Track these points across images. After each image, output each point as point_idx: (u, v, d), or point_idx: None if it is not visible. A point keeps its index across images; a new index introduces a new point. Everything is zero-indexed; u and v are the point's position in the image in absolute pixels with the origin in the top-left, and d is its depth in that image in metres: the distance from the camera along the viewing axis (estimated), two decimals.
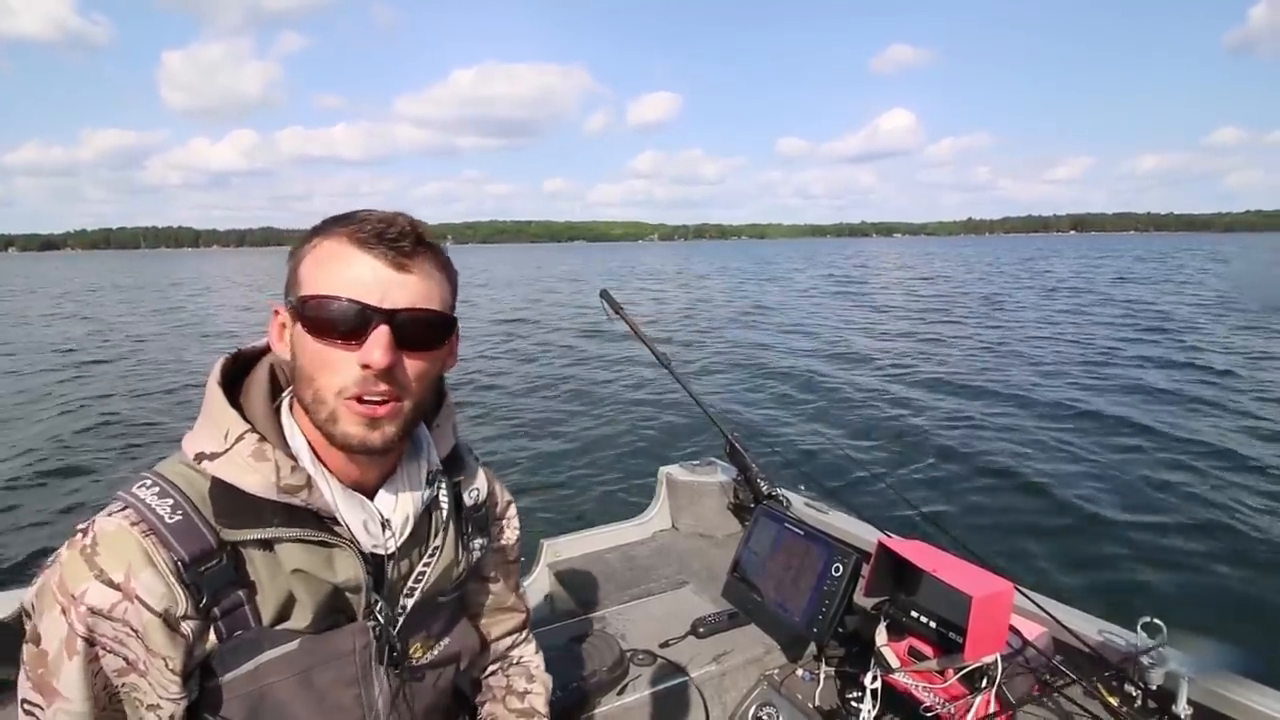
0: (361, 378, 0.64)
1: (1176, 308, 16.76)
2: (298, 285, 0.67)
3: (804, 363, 10.69)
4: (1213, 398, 7.67)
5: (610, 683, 1.43)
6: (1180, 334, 12.53)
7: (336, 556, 0.69)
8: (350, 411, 0.65)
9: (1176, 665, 1.24)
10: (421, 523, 0.78)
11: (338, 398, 0.65)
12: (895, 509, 3.77)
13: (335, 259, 0.65)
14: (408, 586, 0.77)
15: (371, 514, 0.72)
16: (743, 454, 2.23)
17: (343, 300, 0.63)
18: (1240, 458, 5.67)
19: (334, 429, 0.66)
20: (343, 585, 0.70)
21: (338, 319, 0.63)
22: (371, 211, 0.67)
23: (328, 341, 0.64)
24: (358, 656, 0.73)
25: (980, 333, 13.55)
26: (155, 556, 0.63)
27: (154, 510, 0.64)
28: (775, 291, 25.46)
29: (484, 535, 0.89)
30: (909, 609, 1.34)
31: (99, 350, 13.03)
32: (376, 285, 0.64)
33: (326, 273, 0.65)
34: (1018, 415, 7.19)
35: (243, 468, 0.65)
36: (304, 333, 0.65)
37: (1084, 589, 3.70)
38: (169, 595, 0.63)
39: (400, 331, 0.65)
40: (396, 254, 0.65)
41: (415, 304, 0.66)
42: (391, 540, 0.73)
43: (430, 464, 0.79)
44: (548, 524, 4.49)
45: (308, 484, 0.68)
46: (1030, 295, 21.46)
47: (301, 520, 0.68)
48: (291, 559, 0.68)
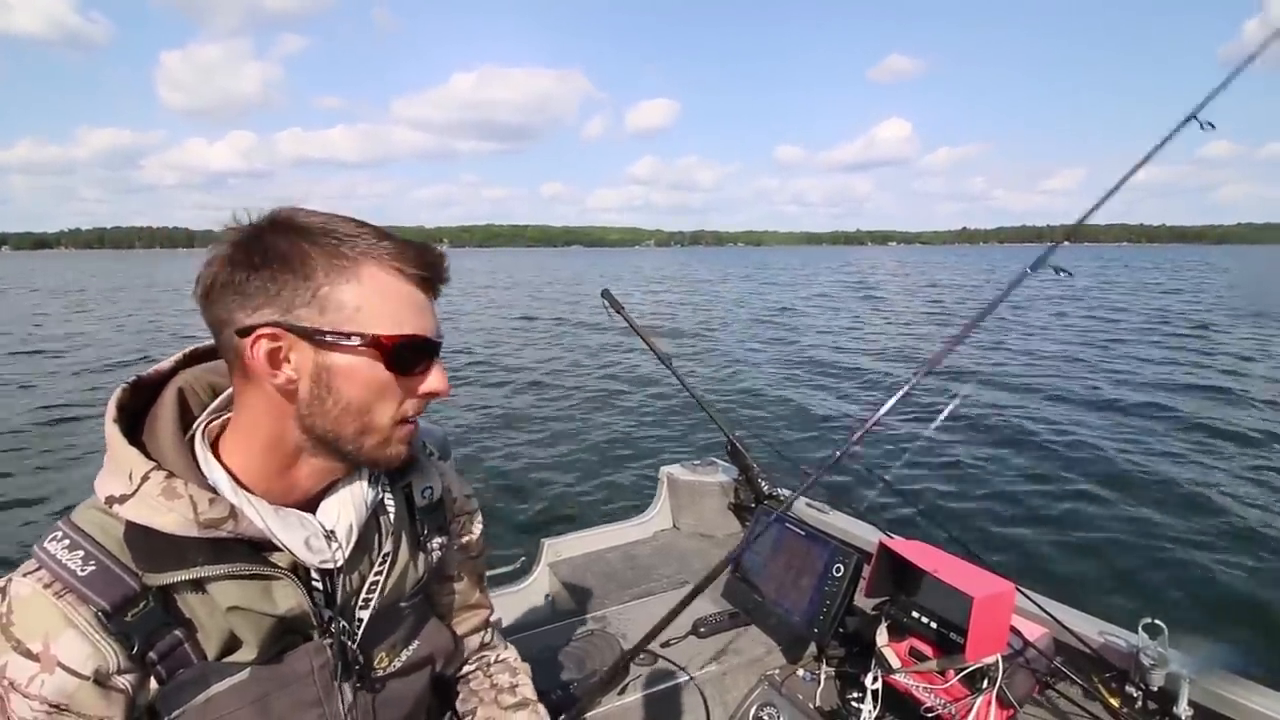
0: (419, 405, 0.68)
1: (1180, 312, 16.74)
2: (336, 309, 0.61)
3: (804, 363, 10.69)
4: (1214, 398, 7.66)
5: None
6: (1181, 337, 12.51)
7: (274, 587, 0.66)
8: (403, 433, 0.68)
9: (1177, 666, 1.24)
10: (370, 529, 0.75)
11: (393, 424, 0.67)
12: (896, 509, 3.76)
13: (401, 294, 0.64)
14: (362, 597, 0.74)
15: (313, 529, 0.68)
16: (744, 454, 2.23)
17: (424, 339, 0.66)
18: (1242, 459, 5.67)
19: (385, 452, 0.68)
20: (286, 615, 0.67)
21: (418, 357, 0.66)
22: (399, 240, 0.65)
23: (404, 378, 0.66)
24: (316, 676, 0.70)
25: (981, 333, 13.53)
26: (74, 616, 0.59)
27: (65, 566, 0.60)
28: (777, 294, 25.46)
29: (443, 534, 0.86)
30: (910, 609, 1.34)
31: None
32: (433, 319, 0.68)
33: (398, 309, 0.64)
34: (1018, 416, 7.18)
35: (154, 508, 0.60)
36: (374, 366, 0.63)
37: (1085, 590, 3.69)
38: (96, 654, 0.59)
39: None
40: (436, 287, 0.68)
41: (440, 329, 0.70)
42: (339, 552, 0.70)
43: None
44: (549, 523, 4.50)
45: (232, 514, 0.62)
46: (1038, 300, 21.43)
47: (231, 554, 0.64)
48: (226, 597, 0.64)
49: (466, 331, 15.10)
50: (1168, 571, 3.93)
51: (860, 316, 17.19)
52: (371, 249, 0.63)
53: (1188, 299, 19.55)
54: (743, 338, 13.71)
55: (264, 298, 0.60)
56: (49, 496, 5.35)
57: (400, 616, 0.80)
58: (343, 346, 0.62)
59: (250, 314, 0.60)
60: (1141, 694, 1.28)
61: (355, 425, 0.65)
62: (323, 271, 0.61)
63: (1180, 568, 3.96)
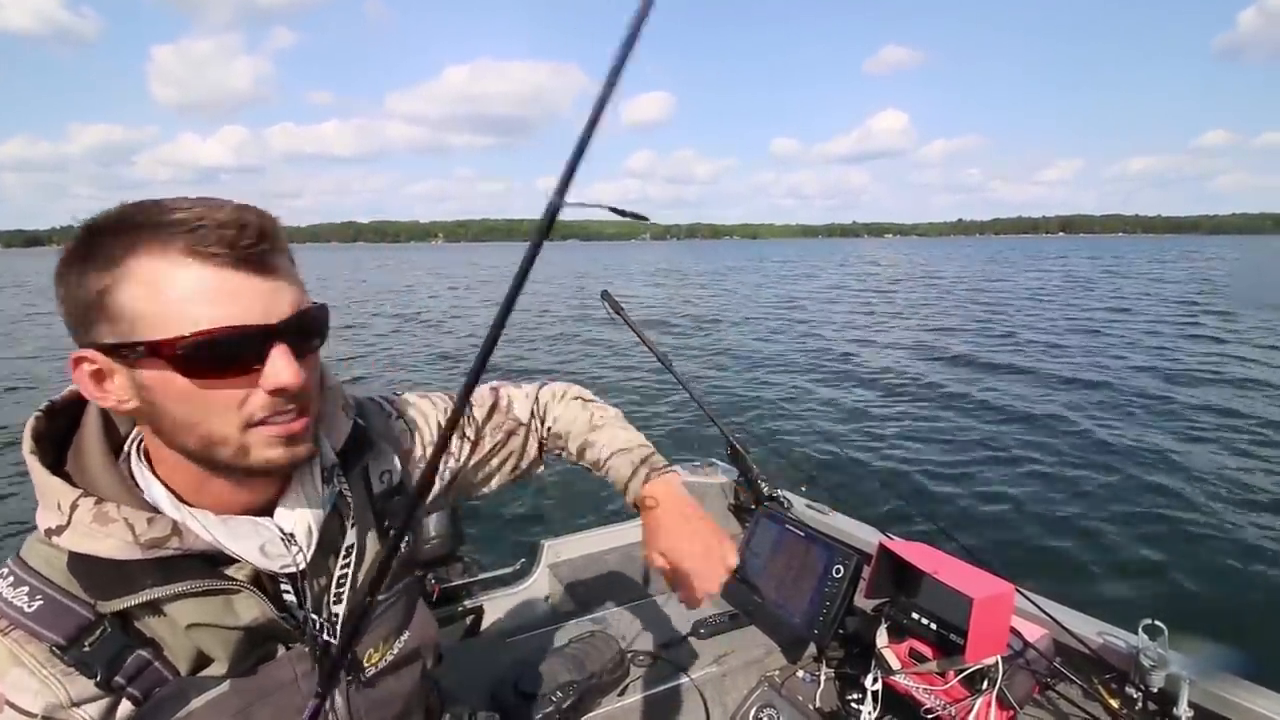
0: (269, 402, 0.58)
1: (1181, 308, 16.75)
2: (120, 319, 0.54)
3: (805, 364, 10.68)
4: (1214, 398, 7.66)
5: (610, 684, 1.43)
6: (1180, 335, 12.52)
7: (235, 600, 0.63)
8: (264, 437, 0.59)
9: (1178, 667, 1.24)
10: (331, 525, 0.72)
11: (241, 430, 0.58)
12: (896, 510, 3.78)
13: (186, 283, 0.53)
14: (332, 595, 0.71)
15: (269, 534, 0.65)
16: (743, 455, 2.23)
17: (230, 330, 0.54)
18: (1243, 459, 5.66)
19: (249, 460, 0.60)
20: (251, 625, 0.64)
21: (230, 354, 0.55)
22: (194, 207, 0.55)
23: (217, 381, 0.56)
24: (301, 684, 0.67)
25: (980, 334, 13.53)
26: (20, 653, 0.57)
27: (10, 604, 0.58)
28: (777, 290, 25.47)
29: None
30: (910, 610, 1.34)
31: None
32: (256, 300, 0.56)
33: (182, 302, 0.53)
34: (1019, 417, 7.17)
35: (90, 536, 0.57)
36: (174, 377, 0.55)
37: (1085, 590, 3.70)
38: (45, 690, 0.57)
39: (293, 341, 0.58)
40: (260, 258, 0.56)
41: (295, 307, 0.59)
42: (300, 555, 0.66)
43: (324, 460, 0.71)
44: (548, 524, 4.50)
45: (175, 531, 0.60)
46: (1038, 297, 21.43)
47: (182, 572, 0.61)
48: (184, 615, 0.61)
49: (469, 332, 15.10)
50: (1168, 572, 3.92)
51: (860, 314, 17.19)
52: (143, 234, 0.54)
53: (1190, 290, 19.58)
54: (742, 337, 13.70)
55: (76, 318, 0.56)
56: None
57: (385, 610, 0.77)
58: (137, 361, 0.55)
59: (75, 337, 0.57)
60: (1141, 695, 1.28)
61: (197, 440, 0.58)
62: (105, 278, 0.54)
63: (1181, 569, 3.95)
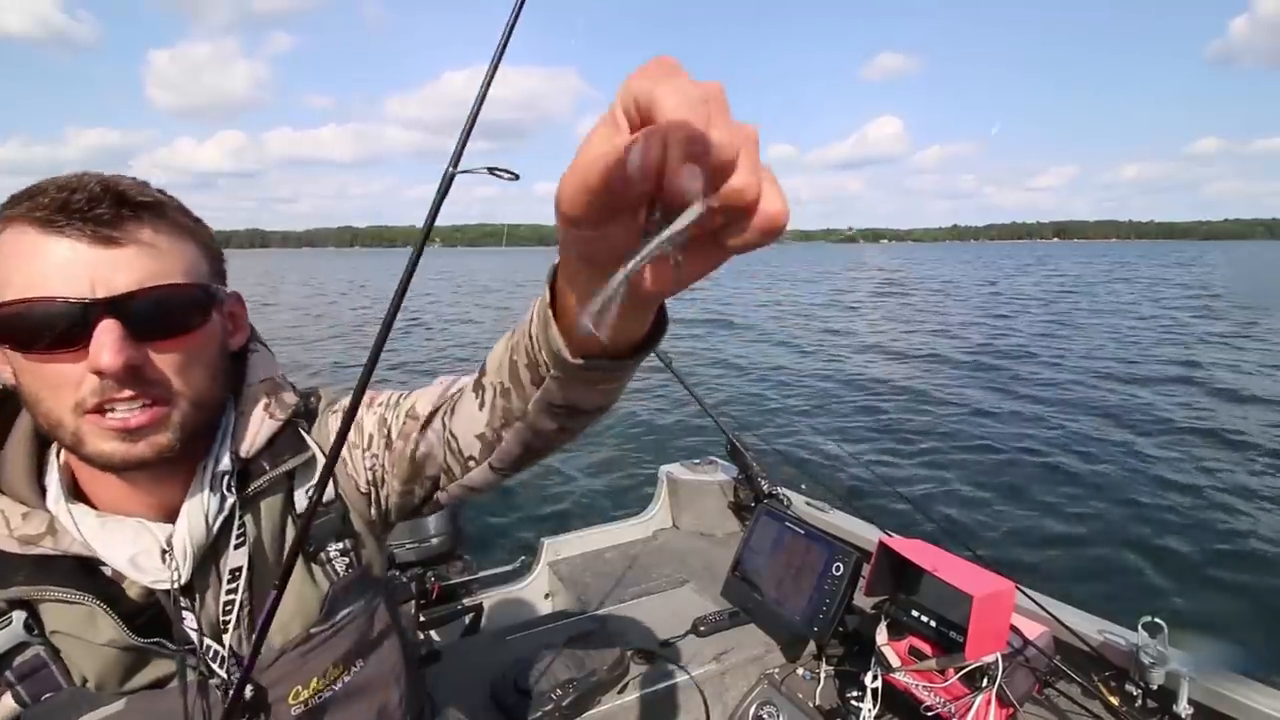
0: (99, 386, 0.53)
1: (1179, 311, 16.75)
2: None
3: (805, 363, 10.69)
4: (1214, 399, 7.67)
5: (611, 681, 1.43)
6: (1180, 336, 12.52)
7: (96, 614, 0.57)
8: (96, 428, 0.54)
9: (1177, 665, 1.24)
10: (220, 541, 0.64)
11: (75, 415, 0.54)
12: (896, 508, 3.77)
13: (20, 250, 0.52)
14: (221, 620, 0.63)
15: (146, 544, 0.59)
16: (743, 453, 2.23)
17: (44, 300, 0.51)
18: (1243, 458, 5.67)
19: (85, 451, 0.55)
20: (111, 644, 0.58)
21: (44, 324, 0.51)
22: (53, 180, 0.53)
23: (42, 355, 0.52)
24: (205, 717, 0.61)
25: (980, 334, 13.54)
26: None
27: None
28: (775, 292, 25.48)
29: (341, 539, 0.71)
30: (910, 608, 1.34)
31: None
32: (83, 271, 0.51)
33: (14, 269, 0.51)
34: (1019, 416, 7.18)
35: None
36: (12, 351, 0.53)
37: (1085, 588, 3.69)
38: None
39: (132, 321, 0.53)
40: (95, 225, 0.52)
41: (143, 283, 0.53)
42: (177, 571, 0.59)
43: (219, 465, 0.64)
44: (548, 523, 4.50)
45: (50, 529, 0.57)
46: (1039, 297, 21.44)
47: (52, 574, 0.57)
48: (51, 620, 0.58)
49: (472, 329, 15.10)
50: (1168, 570, 3.93)
51: (860, 315, 17.20)
52: (11, 205, 0.53)
53: (1190, 294, 19.59)
54: (742, 336, 13.71)
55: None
56: None
57: (313, 645, 0.67)
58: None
59: None
60: (1141, 692, 1.28)
61: (42, 419, 0.56)
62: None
63: (1180, 566, 3.96)
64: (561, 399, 0.53)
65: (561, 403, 0.53)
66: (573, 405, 0.54)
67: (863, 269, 44.04)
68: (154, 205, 0.56)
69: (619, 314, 0.30)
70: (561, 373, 0.49)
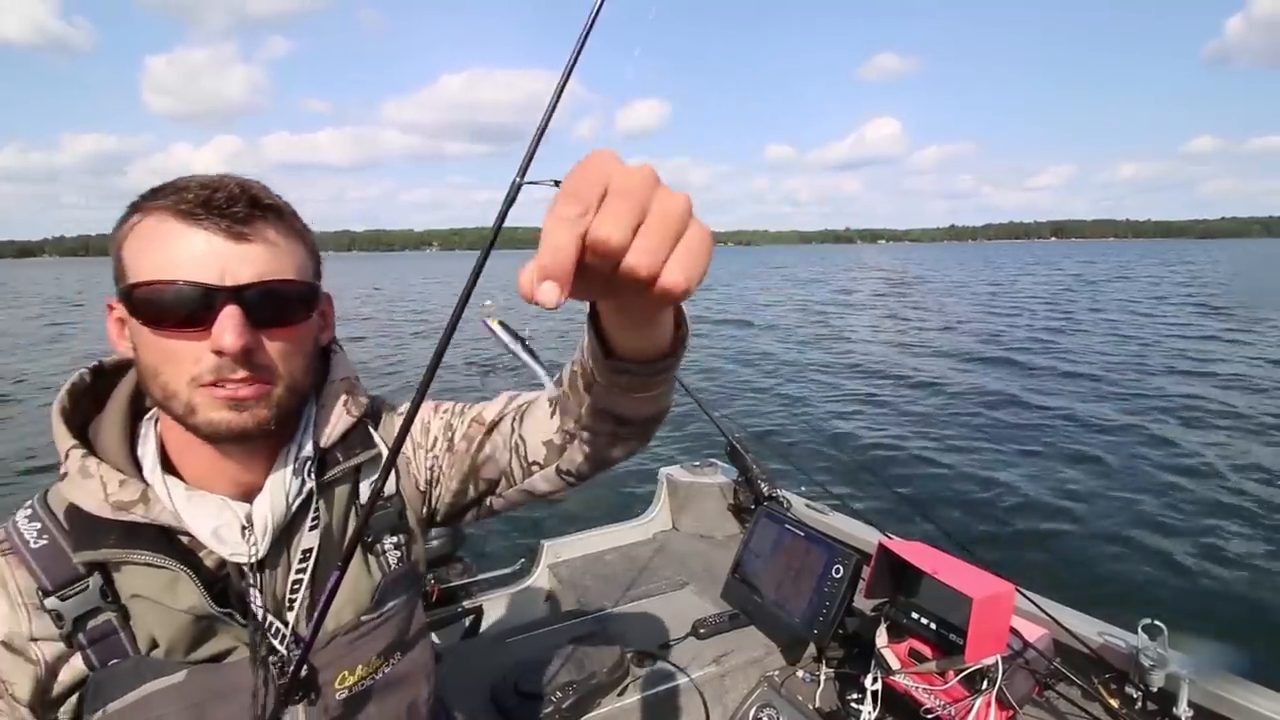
0: (216, 365, 0.58)
1: (1176, 311, 16.76)
2: (123, 271, 0.59)
3: (805, 364, 10.69)
4: (1214, 398, 7.66)
5: (610, 684, 1.43)
6: (1181, 336, 12.52)
7: (178, 580, 0.61)
8: (210, 397, 0.59)
9: (1177, 667, 1.24)
10: (296, 522, 0.68)
11: (191, 387, 0.59)
12: (896, 510, 3.77)
13: (160, 237, 0.58)
14: (287, 599, 0.67)
15: (228, 518, 0.63)
16: (743, 455, 2.23)
17: (178, 283, 0.56)
18: (1244, 460, 5.66)
19: (196, 420, 0.59)
20: (189, 611, 0.62)
21: (175, 305, 0.57)
22: (193, 177, 0.60)
23: (170, 332, 0.58)
24: (258, 693, 0.64)
25: (981, 335, 13.53)
26: (6, 576, 0.61)
27: (21, 534, 0.62)
28: (774, 292, 25.48)
29: (396, 533, 0.76)
30: (909, 610, 1.34)
31: None
32: (215, 261, 0.57)
33: (152, 254, 0.57)
34: (1019, 417, 7.18)
35: (74, 485, 0.61)
36: (140, 326, 0.58)
37: (1085, 590, 3.69)
38: (11, 617, 0.60)
39: (252, 309, 0.59)
40: (230, 222, 0.58)
41: (264, 276, 0.59)
42: (254, 546, 0.64)
43: (301, 451, 0.69)
44: (548, 524, 4.49)
45: (143, 497, 0.61)
46: (1038, 298, 21.44)
47: (139, 540, 0.61)
48: (131, 584, 0.61)
49: (473, 329, 15.07)
50: (1168, 572, 3.93)
51: (860, 316, 17.19)
52: (154, 196, 0.59)
53: (1191, 292, 19.58)
54: (741, 337, 13.71)
55: (113, 272, 0.62)
56: None
57: (362, 633, 0.71)
58: (127, 306, 0.59)
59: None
60: (1141, 695, 1.28)
61: (158, 390, 0.60)
62: (120, 234, 0.60)
63: (1180, 569, 3.96)
64: (606, 405, 0.61)
65: (606, 408, 0.61)
66: (617, 413, 0.62)
67: (862, 269, 44.06)
68: (277, 208, 0.62)
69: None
70: (600, 376, 0.57)
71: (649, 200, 0.34)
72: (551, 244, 0.32)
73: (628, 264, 0.33)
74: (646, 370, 0.55)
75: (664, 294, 0.35)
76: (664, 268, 0.34)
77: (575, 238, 0.32)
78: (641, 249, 0.33)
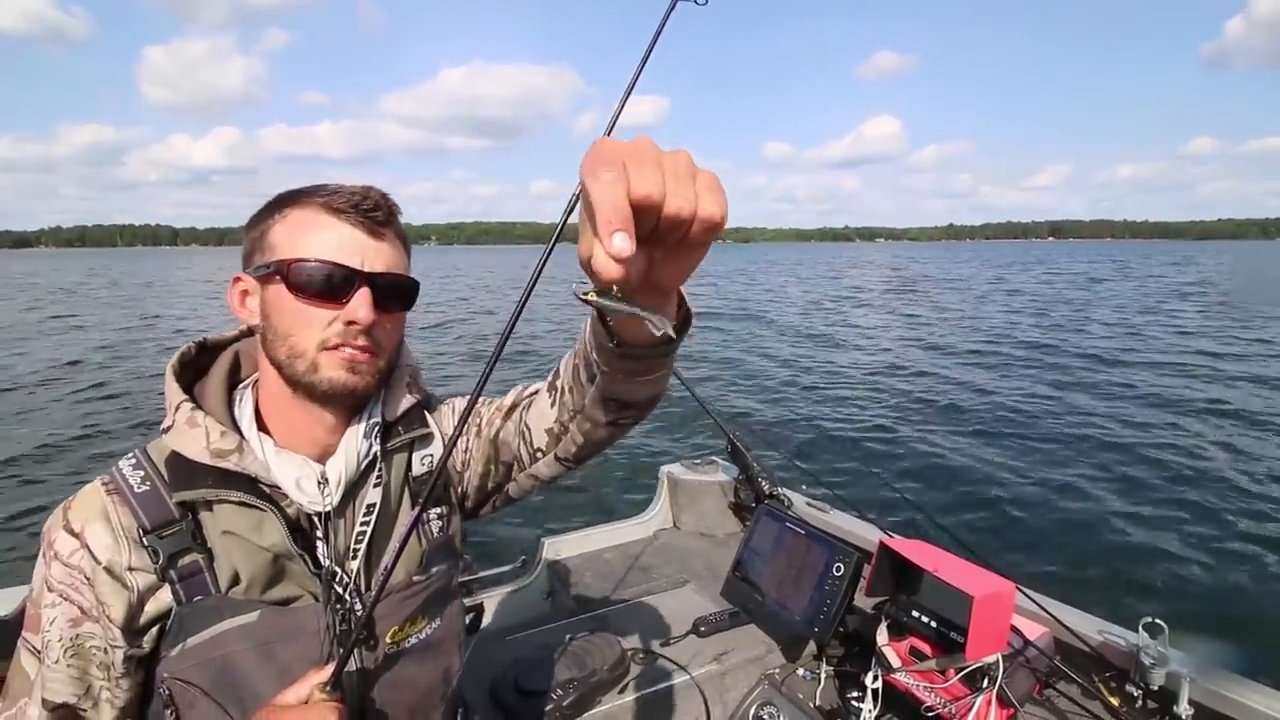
0: (344, 331, 0.70)
1: (1176, 310, 16.74)
2: (268, 250, 0.70)
3: (806, 363, 10.69)
4: (1215, 398, 7.66)
5: (611, 682, 1.43)
6: (1180, 335, 12.51)
7: (264, 520, 0.70)
8: (332, 358, 0.70)
9: (1178, 665, 1.24)
10: (365, 478, 0.78)
11: (318, 349, 0.69)
12: (897, 509, 3.78)
13: (314, 226, 0.69)
14: (351, 548, 0.76)
15: (308, 472, 0.73)
16: (744, 453, 2.23)
17: (329, 263, 0.68)
18: (1245, 460, 5.66)
19: (316, 377, 0.70)
20: (271, 549, 0.70)
21: (323, 279, 0.68)
22: (341, 185, 0.72)
23: (312, 300, 0.68)
24: (322, 635, 0.71)
25: (980, 334, 13.53)
26: (111, 513, 0.68)
27: (126, 479, 0.70)
28: (772, 292, 25.47)
29: (440, 505, 0.85)
30: (910, 609, 1.34)
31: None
32: (357, 250, 0.70)
33: (306, 238, 0.69)
34: (1018, 417, 7.18)
35: (181, 434, 0.70)
36: (285, 293, 0.69)
37: (1085, 589, 3.69)
38: (114, 548, 0.67)
39: (379, 292, 0.70)
40: (372, 223, 0.71)
41: (390, 268, 0.72)
42: (329, 497, 0.73)
43: (372, 419, 0.79)
44: (548, 522, 4.49)
45: (238, 448, 0.70)
46: (1038, 298, 21.43)
47: (233, 483, 0.70)
48: (223, 521, 0.69)
49: (461, 335, 15.10)
50: (1168, 571, 3.93)
51: (860, 315, 17.19)
52: (305, 195, 0.71)
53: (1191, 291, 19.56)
54: (742, 336, 13.71)
55: (246, 253, 0.73)
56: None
57: (414, 591, 0.79)
58: (267, 277, 0.70)
59: (243, 269, 0.73)
60: (1142, 693, 1.28)
61: (285, 350, 0.70)
62: (268, 222, 0.71)
63: (1181, 567, 3.96)
64: (610, 392, 0.68)
65: (611, 396, 0.68)
66: (620, 399, 0.69)
67: (860, 267, 44.04)
68: (398, 219, 0.75)
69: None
70: (607, 365, 0.63)
71: (660, 160, 0.39)
72: (608, 202, 0.37)
73: (670, 209, 0.39)
74: (653, 353, 0.60)
75: (706, 226, 0.41)
76: (699, 205, 0.40)
77: (624, 194, 0.37)
78: (675, 193, 0.39)
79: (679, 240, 0.42)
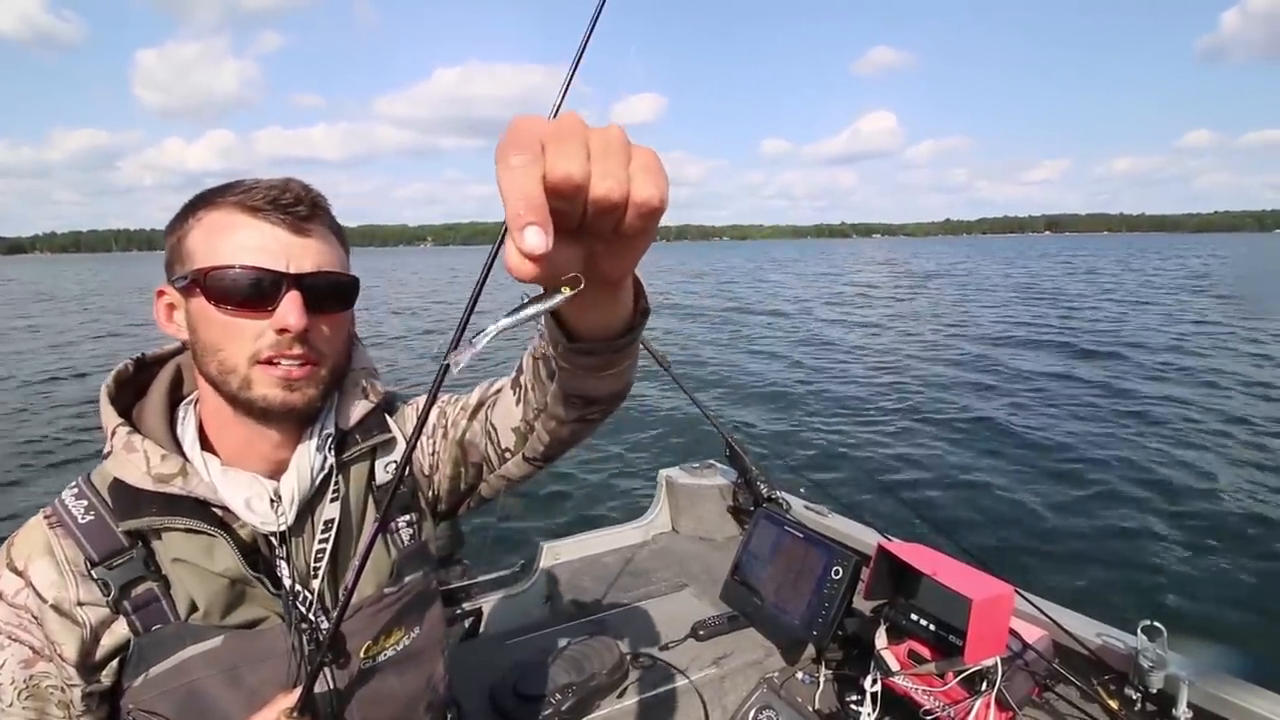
0: (275, 341, 0.64)
1: (1173, 307, 16.77)
2: (186, 259, 0.65)
3: (804, 365, 10.69)
4: (1215, 399, 7.67)
5: (610, 686, 1.43)
6: (1181, 334, 12.53)
7: (214, 545, 0.67)
8: (265, 375, 0.65)
9: (1177, 669, 1.24)
10: (321, 493, 0.74)
11: (249, 363, 0.65)
12: (895, 512, 3.77)
13: (231, 228, 0.64)
14: (312, 567, 0.72)
15: (259, 490, 0.69)
16: (742, 456, 2.23)
17: (250, 268, 0.63)
18: (1246, 461, 5.67)
19: (250, 394, 0.65)
20: (225, 574, 0.67)
21: (245, 287, 0.63)
22: (258, 180, 0.66)
23: (237, 311, 0.63)
24: (292, 656, 0.69)
25: (980, 334, 13.54)
26: (55, 547, 0.65)
27: (69, 510, 0.67)
28: (771, 292, 25.49)
29: (408, 512, 0.81)
30: (909, 612, 1.34)
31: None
32: (281, 250, 0.64)
33: (223, 242, 0.64)
34: (1018, 418, 7.18)
35: (120, 460, 0.66)
36: (206, 305, 0.64)
37: (1084, 592, 3.69)
38: (60, 583, 0.64)
39: (310, 294, 0.65)
40: (295, 219, 0.65)
41: (321, 267, 0.67)
42: (282, 516, 0.69)
43: (324, 430, 0.75)
44: (547, 526, 4.49)
45: (182, 471, 0.66)
46: (1037, 296, 21.47)
47: (179, 509, 0.66)
48: (172, 549, 0.66)
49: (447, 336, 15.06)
50: (1167, 574, 3.93)
51: (859, 315, 17.19)
52: (220, 194, 0.65)
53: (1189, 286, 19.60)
54: (741, 337, 13.71)
55: (166, 263, 0.69)
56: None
57: (385, 605, 0.76)
58: (188, 288, 0.65)
59: (166, 280, 0.69)
60: (1141, 696, 1.28)
61: (215, 365, 0.66)
62: (184, 228, 0.66)
63: (1180, 570, 3.96)
64: (571, 389, 0.62)
65: (572, 392, 0.63)
66: (582, 395, 0.63)
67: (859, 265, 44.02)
68: (327, 211, 0.70)
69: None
70: (565, 361, 0.57)
71: (586, 137, 0.33)
72: (517, 191, 0.31)
73: (596, 192, 0.33)
74: (611, 347, 0.55)
75: (642, 211, 0.34)
76: (632, 187, 0.34)
77: (536, 179, 0.31)
78: (602, 173, 0.33)
79: (613, 229, 0.36)
